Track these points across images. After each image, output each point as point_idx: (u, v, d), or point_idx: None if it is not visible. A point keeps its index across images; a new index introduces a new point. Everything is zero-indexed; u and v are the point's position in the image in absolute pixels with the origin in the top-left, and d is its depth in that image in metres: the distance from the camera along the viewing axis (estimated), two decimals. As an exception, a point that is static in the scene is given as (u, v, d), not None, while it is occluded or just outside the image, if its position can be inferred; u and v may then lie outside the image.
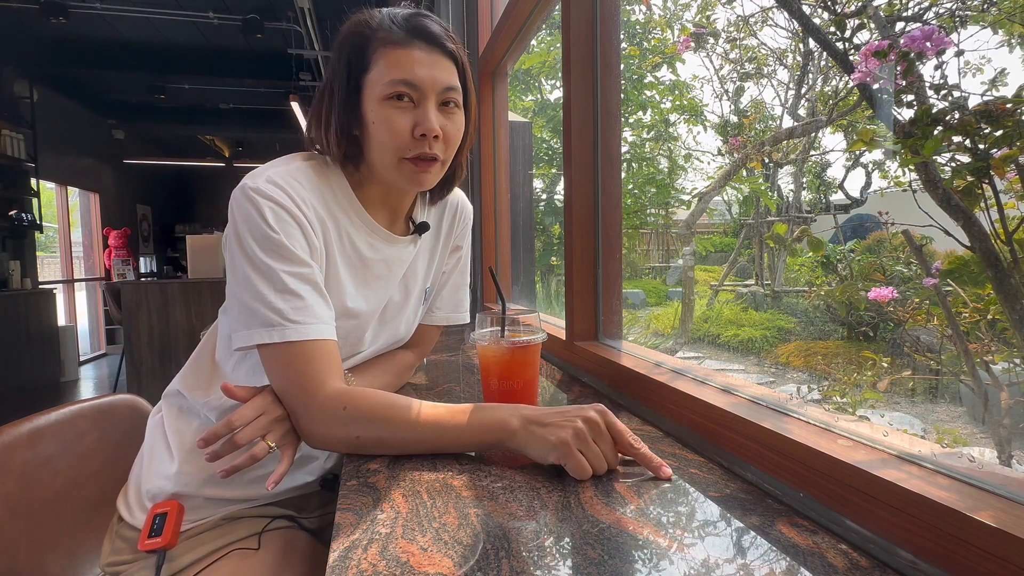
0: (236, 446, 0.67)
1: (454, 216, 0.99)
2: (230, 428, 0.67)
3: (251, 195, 0.71)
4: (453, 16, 2.27)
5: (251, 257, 0.70)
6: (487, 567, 0.44)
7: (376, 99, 0.75)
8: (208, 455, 0.67)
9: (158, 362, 3.95)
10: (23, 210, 5.01)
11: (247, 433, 0.67)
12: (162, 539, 0.73)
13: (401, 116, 0.75)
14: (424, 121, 0.75)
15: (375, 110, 0.75)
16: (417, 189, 0.83)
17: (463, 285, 1.05)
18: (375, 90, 0.75)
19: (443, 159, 0.79)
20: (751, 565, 0.44)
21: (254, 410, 0.69)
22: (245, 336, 0.70)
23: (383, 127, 0.75)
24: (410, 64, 0.74)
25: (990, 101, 0.74)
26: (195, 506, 0.80)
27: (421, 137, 0.75)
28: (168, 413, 0.86)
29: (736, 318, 3.31)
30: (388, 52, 0.75)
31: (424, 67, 0.75)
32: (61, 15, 4.02)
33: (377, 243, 0.85)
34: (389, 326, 0.92)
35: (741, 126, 2.56)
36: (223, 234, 0.77)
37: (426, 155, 0.76)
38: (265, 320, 0.69)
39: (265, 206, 0.70)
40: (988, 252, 0.83)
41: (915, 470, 0.46)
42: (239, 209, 0.72)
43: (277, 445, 0.69)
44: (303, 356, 0.69)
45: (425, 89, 0.75)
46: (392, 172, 0.78)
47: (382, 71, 0.75)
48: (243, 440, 0.67)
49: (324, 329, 0.71)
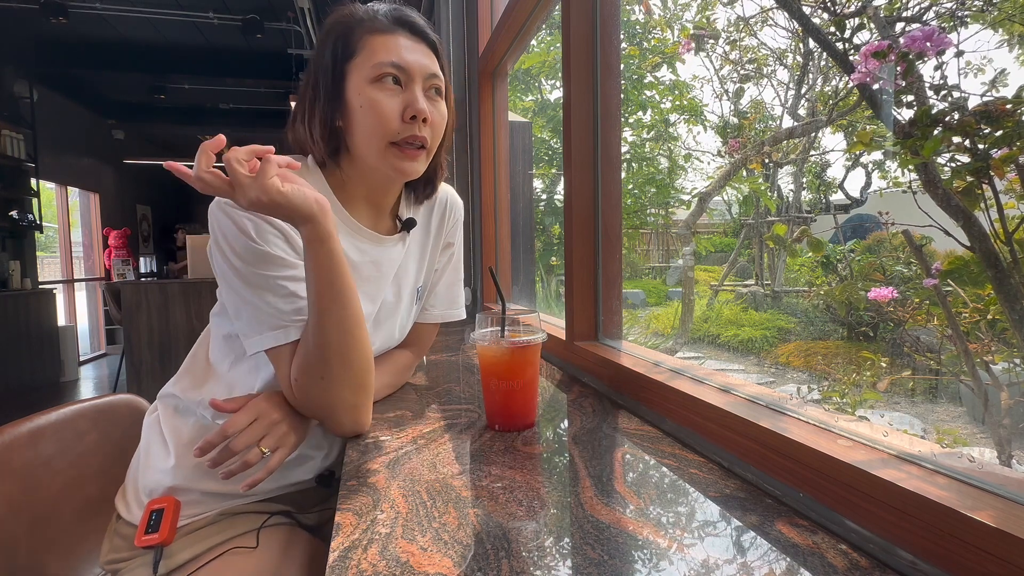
0: (233, 452, 0.69)
1: (444, 212, 0.98)
2: (224, 436, 0.69)
3: (228, 210, 0.71)
4: (453, 16, 2.27)
5: (240, 270, 0.71)
6: (487, 567, 0.44)
7: (363, 82, 0.75)
8: (208, 463, 0.69)
9: (158, 362, 3.94)
10: (23, 210, 5.01)
11: (242, 440, 0.69)
12: (159, 535, 0.73)
13: (390, 98, 0.75)
14: (414, 102, 0.75)
15: (362, 93, 0.75)
16: (402, 179, 0.82)
17: (457, 281, 1.05)
18: (362, 73, 0.76)
19: (429, 147, 0.80)
20: (751, 565, 0.44)
21: (248, 416, 0.71)
22: (257, 341, 0.72)
23: (371, 111, 0.75)
24: (397, 48, 0.76)
25: (990, 101, 0.74)
26: (192, 500, 0.80)
27: (411, 120, 0.75)
28: (164, 412, 0.86)
29: (736, 318, 3.31)
30: (374, 38, 0.76)
31: (410, 52, 0.77)
32: (61, 15, 4.03)
33: (363, 245, 0.84)
34: (383, 328, 0.92)
35: (741, 126, 2.56)
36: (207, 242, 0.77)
37: (415, 139, 0.77)
38: (272, 323, 0.71)
39: (244, 219, 0.70)
40: (988, 252, 0.83)
41: (915, 470, 0.46)
42: (219, 225, 0.72)
43: (270, 450, 0.71)
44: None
45: (413, 72, 0.76)
46: (378, 159, 0.77)
47: (368, 55, 0.76)
48: (238, 447, 0.69)
49: None
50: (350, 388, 0.72)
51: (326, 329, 0.69)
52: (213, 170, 0.63)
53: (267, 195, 0.63)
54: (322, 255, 0.68)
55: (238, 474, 0.69)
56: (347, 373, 0.71)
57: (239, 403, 0.73)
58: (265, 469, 0.70)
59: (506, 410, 0.76)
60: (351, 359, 0.71)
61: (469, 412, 0.86)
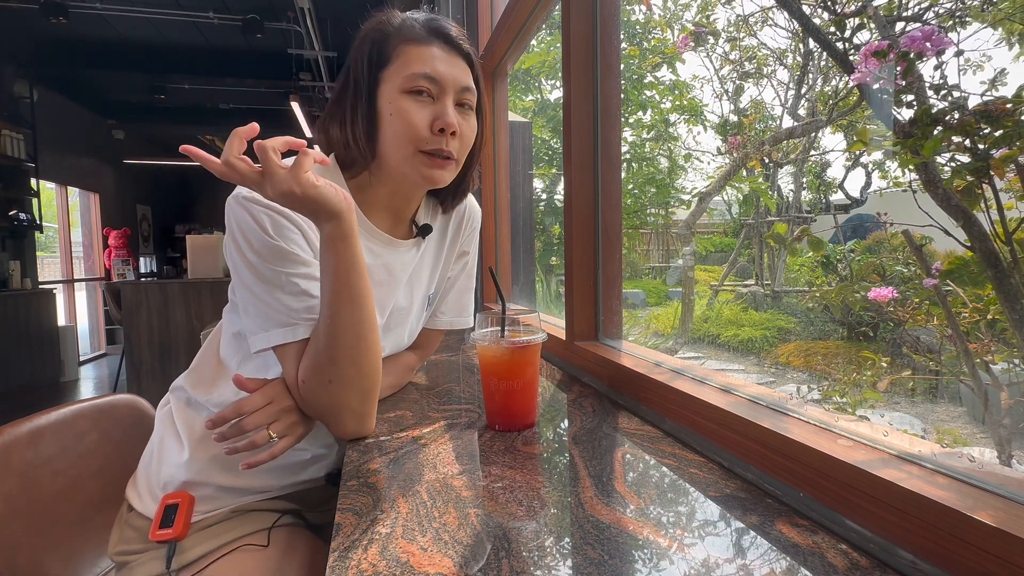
0: (243, 431, 0.69)
1: (461, 220, 0.98)
2: (238, 413, 0.69)
3: (246, 204, 0.71)
4: (453, 16, 2.27)
5: (255, 265, 0.70)
6: (487, 567, 0.44)
7: (395, 91, 0.75)
8: (215, 436, 0.69)
9: (158, 362, 3.95)
10: (23, 210, 5.01)
11: (254, 419, 0.69)
12: (173, 530, 0.73)
13: (420, 109, 0.75)
14: (444, 115, 0.75)
15: (393, 102, 0.75)
16: (429, 186, 0.81)
17: (468, 289, 1.04)
18: (394, 83, 0.75)
19: (457, 159, 0.79)
20: (751, 565, 0.44)
21: (264, 398, 0.71)
22: (263, 339, 0.71)
23: (400, 118, 0.75)
24: (431, 59, 0.75)
25: (990, 101, 0.74)
26: (206, 496, 0.80)
27: (439, 132, 0.75)
28: (176, 405, 0.87)
29: (736, 318, 3.31)
30: (409, 48, 0.76)
31: (444, 64, 0.76)
32: (61, 15, 4.02)
33: (377, 248, 0.84)
34: (393, 333, 0.91)
35: (741, 126, 2.56)
36: (223, 237, 0.77)
37: (442, 152, 0.76)
38: (281, 321, 0.71)
39: (262, 214, 0.70)
40: (988, 252, 0.83)
41: (915, 470, 0.46)
42: (236, 218, 0.71)
43: (278, 435, 0.71)
44: None
45: (445, 85, 0.75)
46: (407, 165, 0.77)
47: (402, 65, 0.75)
48: (249, 426, 0.69)
49: None
50: (358, 393, 0.71)
51: (339, 330, 0.68)
52: (244, 157, 0.63)
53: (301, 188, 0.62)
54: (344, 253, 0.67)
55: (238, 454, 0.70)
56: (356, 377, 0.70)
57: (259, 383, 0.73)
58: (268, 453, 0.70)
59: (506, 410, 0.76)
60: (361, 363, 0.71)
61: (469, 412, 0.86)
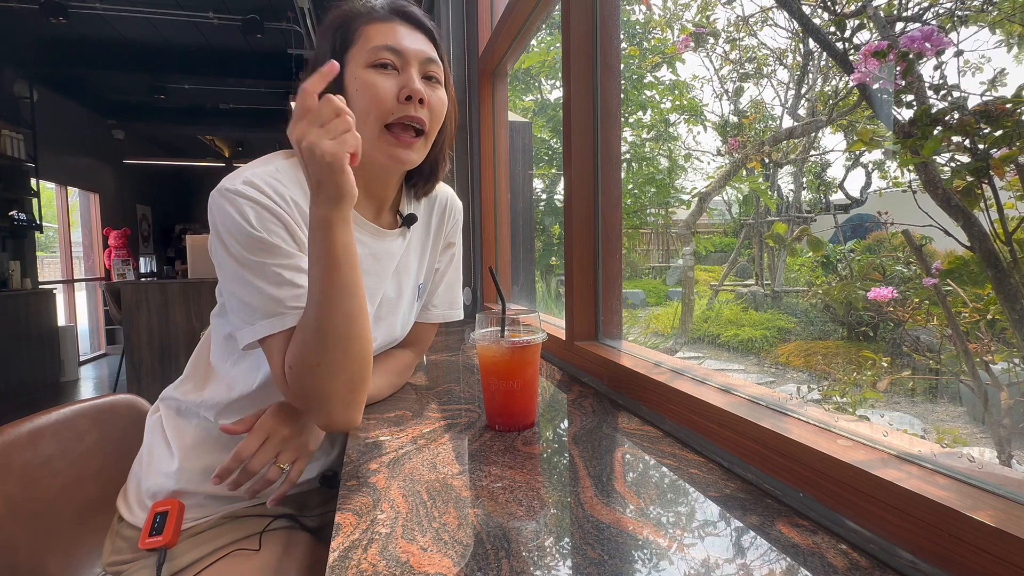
0: (251, 474, 0.70)
1: (444, 212, 0.99)
2: (240, 461, 0.69)
3: (229, 196, 0.70)
4: (453, 16, 2.27)
5: (239, 258, 0.69)
6: (487, 567, 0.44)
7: (359, 67, 0.76)
8: (229, 485, 0.70)
9: (158, 362, 3.94)
10: (23, 210, 5.01)
11: (257, 461, 0.69)
12: (163, 538, 0.73)
13: (385, 80, 0.76)
14: (409, 82, 0.76)
15: (359, 78, 0.76)
16: (398, 167, 0.80)
17: (457, 281, 1.06)
18: (359, 59, 0.76)
19: (427, 132, 0.79)
20: (751, 565, 0.44)
21: (258, 438, 0.71)
22: (249, 332, 0.70)
23: (366, 92, 0.75)
24: (393, 34, 0.77)
25: (989, 101, 0.74)
26: (196, 504, 0.80)
27: (406, 100, 0.75)
28: (166, 413, 0.86)
29: (736, 318, 3.31)
30: (371, 26, 0.77)
31: (407, 39, 0.77)
32: (61, 15, 4.02)
33: (363, 237, 0.84)
34: (385, 323, 0.92)
35: (741, 126, 2.56)
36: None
37: (411, 119, 0.76)
38: (266, 312, 0.69)
39: (245, 206, 0.69)
40: (988, 252, 0.83)
41: (915, 470, 0.46)
42: (219, 212, 0.70)
43: (289, 464, 0.72)
44: None
45: (408, 56, 0.77)
46: (373, 147, 0.77)
47: (365, 42, 0.76)
48: (256, 468, 0.69)
49: None
50: (346, 380, 0.68)
51: (329, 314, 0.66)
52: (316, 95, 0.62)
53: (344, 150, 0.61)
54: (342, 235, 0.65)
55: (262, 491, 0.71)
56: (345, 363, 0.68)
57: (248, 424, 0.72)
58: (288, 482, 0.71)
59: (506, 410, 0.76)
60: (351, 349, 0.68)
61: (469, 412, 0.86)
